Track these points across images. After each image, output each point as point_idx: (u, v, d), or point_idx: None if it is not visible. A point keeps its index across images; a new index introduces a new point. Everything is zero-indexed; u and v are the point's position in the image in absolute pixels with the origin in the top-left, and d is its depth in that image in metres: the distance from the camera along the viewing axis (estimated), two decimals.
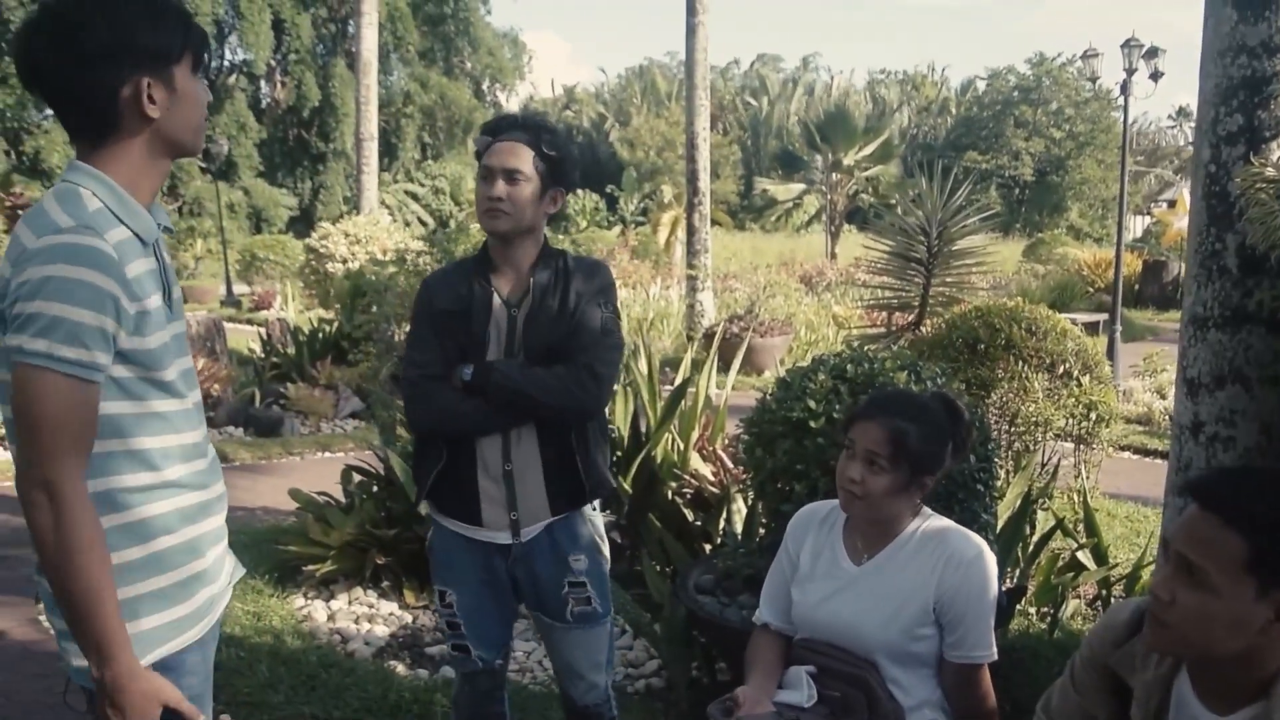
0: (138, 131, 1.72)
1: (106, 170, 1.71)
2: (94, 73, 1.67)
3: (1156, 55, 13.97)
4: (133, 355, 1.68)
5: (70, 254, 1.59)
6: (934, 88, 60.96)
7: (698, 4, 13.47)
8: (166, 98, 1.72)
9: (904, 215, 7.08)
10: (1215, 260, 3.57)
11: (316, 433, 8.99)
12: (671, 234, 22.83)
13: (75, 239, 1.60)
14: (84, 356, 1.59)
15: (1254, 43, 3.44)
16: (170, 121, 1.74)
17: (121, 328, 1.64)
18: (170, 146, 1.77)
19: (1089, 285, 20.63)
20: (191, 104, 1.77)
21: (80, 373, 1.60)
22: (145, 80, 1.69)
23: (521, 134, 2.52)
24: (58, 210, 1.65)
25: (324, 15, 38.91)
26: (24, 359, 1.58)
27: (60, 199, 1.68)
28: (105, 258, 1.61)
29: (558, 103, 60.06)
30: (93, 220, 1.65)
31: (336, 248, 12.78)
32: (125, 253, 1.67)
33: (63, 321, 1.57)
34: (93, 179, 1.70)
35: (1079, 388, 5.38)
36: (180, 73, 1.74)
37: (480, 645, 2.68)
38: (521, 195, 2.50)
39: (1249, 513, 1.60)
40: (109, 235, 1.65)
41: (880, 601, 2.30)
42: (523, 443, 2.53)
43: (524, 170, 2.50)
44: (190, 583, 1.80)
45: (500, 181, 2.49)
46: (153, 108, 1.71)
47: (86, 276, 1.58)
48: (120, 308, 1.63)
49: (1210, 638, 1.62)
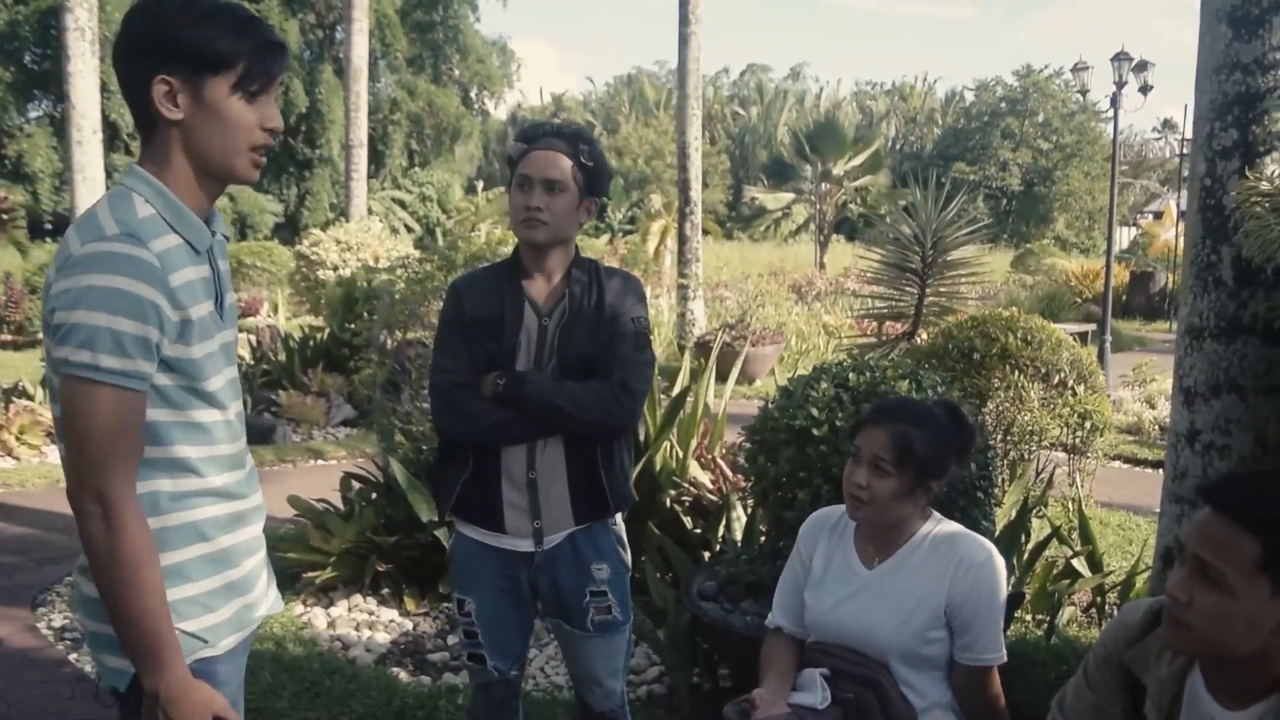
0: (170, 134, 1.70)
1: (158, 173, 1.71)
2: (134, 64, 1.68)
3: (1146, 69, 14.10)
4: (175, 364, 1.69)
5: (111, 263, 1.60)
6: (921, 99, 61.22)
7: (690, 14, 13.54)
8: (191, 106, 1.68)
9: (897, 225, 7.13)
10: (1211, 272, 3.63)
11: (309, 440, 8.99)
12: (660, 243, 22.84)
13: (117, 248, 1.61)
14: (128, 366, 1.60)
15: (1248, 60, 3.51)
16: (196, 133, 1.70)
17: (165, 336, 1.65)
18: (200, 162, 1.72)
19: (1077, 296, 20.77)
20: (224, 123, 1.71)
21: (125, 382, 1.61)
22: (163, 78, 1.66)
23: (560, 143, 2.50)
24: (107, 216, 1.66)
25: (311, 21, 38.89)
26: (70, 370, 1.59)
27: (113, 204, 1.69)
28: (147, 267, 1.62)
29: (546, 111, 60.10)
30: (140, 227, 1.65)
31: (328, 254, 12.78)
32: (172, 260, 1.67)
33: (106, 332, 1.58)
34: (146, 184, 1.71)
35: (1074, 397, 5.44)
36: (214, 85, 1.68)
37: (497, 655, 2.66)
38: (560, 205, 2.49)
39: (1262, 514, 1.66)
40: (155, 243, 1.65)
41: (893, 605, 2.34)
42: (548, 452, 2.52)
43: (563, 180, 2.48)
44: (223, 592, 1.81)
45: (539, 191, 2.47)
46: (172, 110, 1.67)
47: (128, 286, 1.59)
48: (163, 316, 1.63)
49: (1228, 637, 1.68)
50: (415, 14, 41.04)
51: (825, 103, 59.12)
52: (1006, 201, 49.03)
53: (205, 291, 1.75)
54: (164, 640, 1.64)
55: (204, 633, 1.77)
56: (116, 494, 1.60)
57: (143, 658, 1.65)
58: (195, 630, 1.75)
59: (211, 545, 1.78)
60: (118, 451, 1.61)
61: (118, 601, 1.63)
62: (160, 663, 1.64)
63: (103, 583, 1.64)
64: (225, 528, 1.80)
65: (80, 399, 1.60)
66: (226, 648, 1.82)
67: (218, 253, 1.84)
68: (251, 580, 1.89)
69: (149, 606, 1.63)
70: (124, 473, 1.62)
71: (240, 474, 1.85)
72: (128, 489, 1.62)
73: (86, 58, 10.54)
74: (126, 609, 1.63)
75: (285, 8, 37.43)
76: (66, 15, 10.43)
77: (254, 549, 1.90)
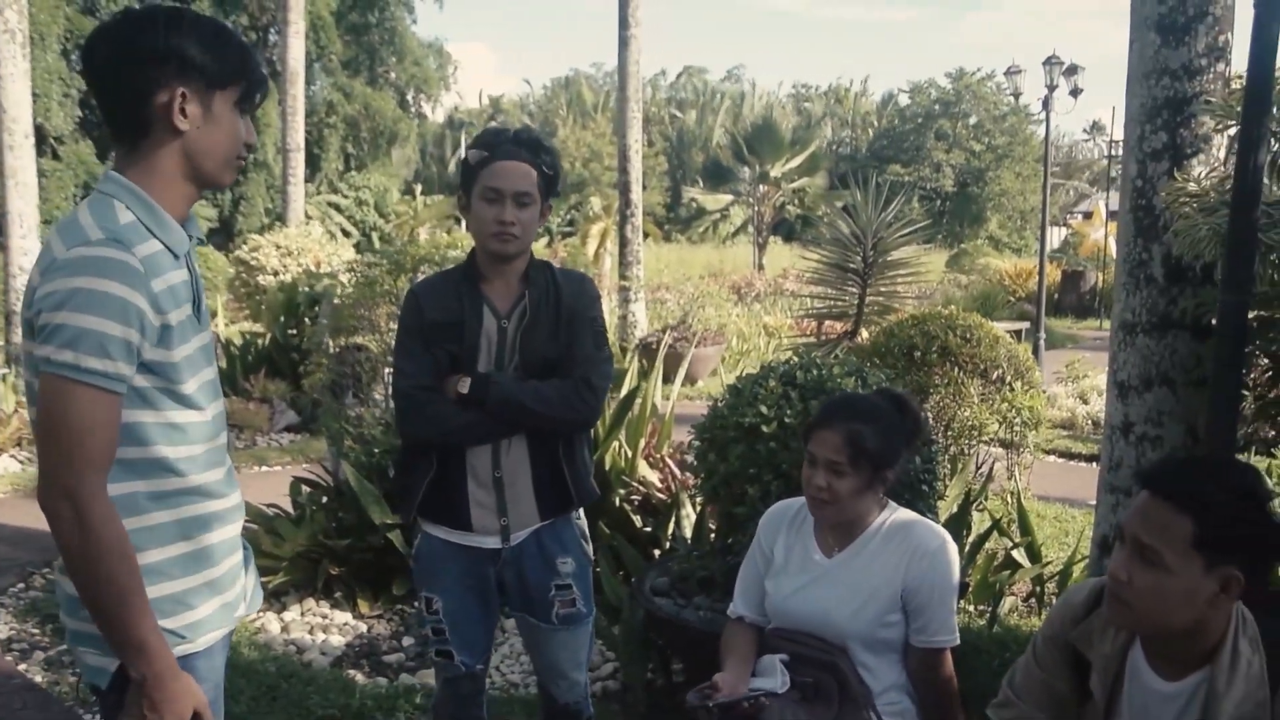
0: (166, 143, 1.76)
1: (138, 181, 1.76)
2: (138, 71, 1.72)
3: (1076, 72, 14.44)
4: (155, 366, 1.72)
5: (97, 267, 1.63)
6: (854, 101, 61.89)
7: (630, 17, 13.60)
8: (200, 115, 1.76)
9: (837, 226, 7.27)
10: (1143, 270, 3.76)
11: (252, 446, 8.92)
12: (600, 245, 22.90)
13: (103, 252, 1.65)
14: (109, 368, 1.64)
15: (1176, 65, 3.65)
16: (198, 142, 1.78)
17: (146, 340, 1.68)
18: (194, 170, 1.80)
19: (1010, 295, 21.17)
20: (225, 134, 1.80)
21: (105, 384, 1.64)
22: (181, 90, 1.73)
23: (525, 153, 2.54)
24: (90, 221, 1.69)
25: (245, 24, 38.34)
26: (51, 369, 1.62)
27: (94, 209, 1.72)
28: (132, 271, 1.66)
29: (483, 114, 59.87)
30: (123, 233, 1.69)
31: (267, 260, 12.66)
32: (155, 265, 1.71)
33: (89, 333, 1.61)
34: (126, 190, 1.75)
35: (1011, 393, 5.59)
36: (221, 99, 1.78)
37: (464, 650, 2.71)
38: (528, 217, 2.54)
39: (1196, 496, 1.78)
40: (139, 249, 1.69)
41: (851, 592, 2.42)
42: (513, 450, 2.58)
43: (531, 193, 2.53)
44: (203, 590, 1.84)
45: (510, 205, 2.51)
46: (183, 120, 1.74)
47: (113, 289, 1.63)
48: (145, 320, 1.67)
49: (1166, 611, 1.79)
50: (351, 16, 40.67)
51: (762, 105, 59.52)
52: (940, 202, 49.74)
53: (184, 295, 1.79)
54: (147, 630, 1.68)
55: (184, 630, 1.80)
56: (87, 491, 1.63)
57: (127, 648, 1.68)
58: (175, 627, 1.78)
59: (191, 544, 1.81)
60: (90, 450, 1.64)
61: (95, 596, 1.66)
62: (146, 651, 1.68)
63: (78, 579, 1.67)
64: (205, 526, 1.84)
65: (58, 397, 1.63)
66: (205, 645, 1.85)
67: (193, 256, 1.88)
68: (231, 579, 1.93)
69: (127, 598, 1.66)
70: (95, 471, 1.65)
71: (219, 473, 1.89)
72: (99, 487, 1.65)
73: (17, 60, 10.36)
74: (104, 603, 1.66)
75: (218, 8, 36.86)
76: None
77: (234, 548, 1.94)
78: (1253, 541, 1.77)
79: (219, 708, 1.91)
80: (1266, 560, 1.82)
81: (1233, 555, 1.76)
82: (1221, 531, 1.75)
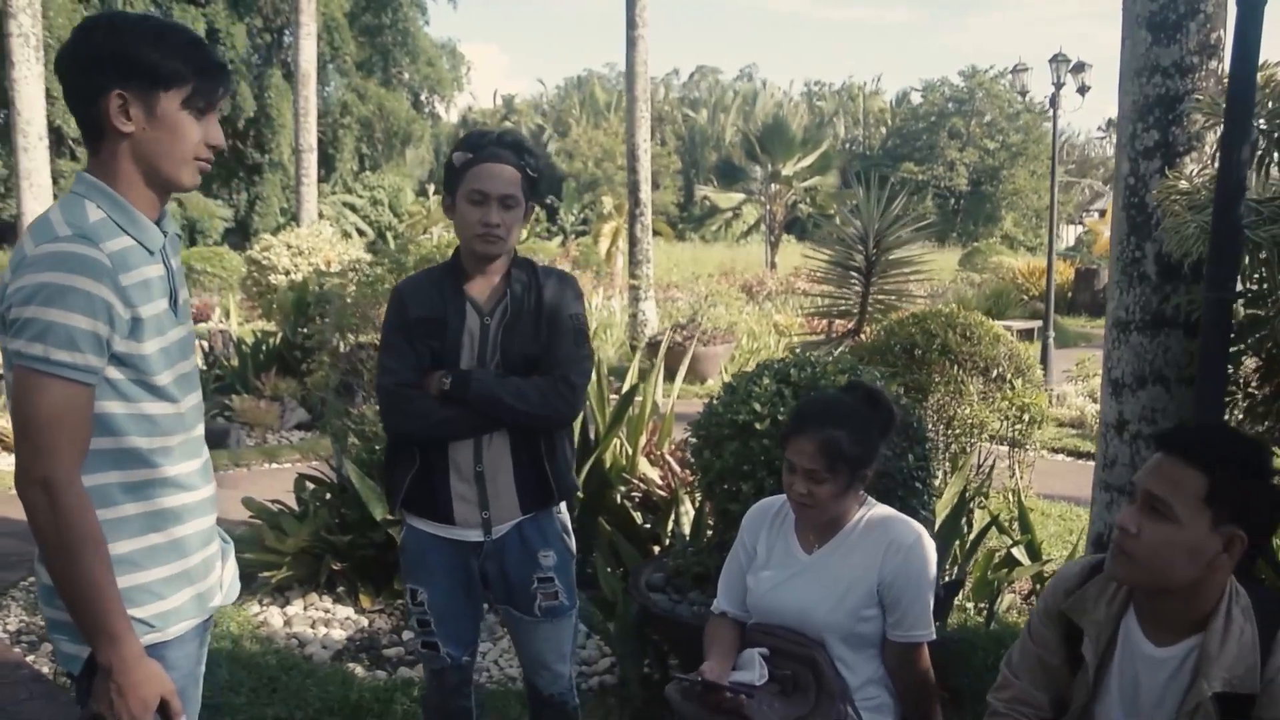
0: (119, 146, 1.79)
1: (107, 180, 1.80)
2: (84, 78, 1.76)
3: (1084, 70, 14.39)
4: (127, 359, 1.76)
5: (64, 262, 1.68)
6: (864, 100, 61.75)
7: (638, 17, 13.64)
8: (144, 118, 1.78)
9: (842, 225, 7.29)
10: (1136, 267, 3.78)
11: (263, 444, 9.00)
12: (612, 244, 22.97)
13: (70, 248, 1.69)
14: (78, 360, 1.68)
15: (1167, 63, 3.66)
16: (146, 144, 1.80)
17: (115, 332, 1.73)
18: (150, 172, 1.82)
19: (1023, 293, 21.09)
20: (174, 135, 1.81)
21: (75, 375, 1.69)
22: (119, 92, 1.75)
23: (508, 154, 2.57)
24: (59, 219, 1.74)
25: (259, 25, 38.56)
26: (22, 362, 1.67)
27: (64, 208, 1.77)
28: (99, 265, 1.70)
29: (497, 114, 60.01)
30: (92, 230, 1.73)
31: (279, 259, 12.73)
32: (125, 260, 1.76)
33: (58, 326, 1.66)
34: (96, 190, 1.79)
35: (1011, 390, 5.59)
36: (167, 100, 1.79)
37: (449, 642, 2.77)
38: (515, 219, 2.59)
39: (1208, 452, 1.86)
40: (108, 244, 1.73)
41: (829, 586, 2.45)
42: (494, 445, 2.62)
43: (515, 195, 2.57)
44: (175, 580, 1.88)
45: (496, 208, 2.55)
46: (126, 123, 1.77)
47: (80, 284, 1.67)
48: (114, 314, 1.71)
49: (1170, 565, 1.86)
50: (364, 17, 40.81)
51: (774, 104, 59.45)
52: (954, 201, 49.68)
53: (160, 290, 1.84)
54: (115, 618, 1.72)
55: (154, 619, 1.84)
56: (61, 480, 1.68)
57: (95, 634, 1.73)
58: (145, 616, 1.82)
59: (164, 535, 1.85)
60: (63, 440, 1.69)
61: (67, 582, 1.71)
62: (113, 639, 1.72)
63: (51, 565, 1.72)
64: (177, 518, 1.88)
65: (30, 389, 1.68)
66: (176, 634, 1.89)
67: (170, 251, 1.91)
68: (205, 569, 1.96)
69: (97, 586, 1.70)
70: (68, 460, 1.69)
71: (195, 464, 1.93)
72: (73, 475, 1.70)
73: (31, 64, 10.48)
74: (75, 589, 1.71)
75: (232, 11, 37.07)
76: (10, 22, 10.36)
77: (208, 539, 1.98)
78: (1256, 505, 1.85)
79: (191, 695, 1.95)
80: (1265, 528, 1.90)
81: (1239, 515, 1.83)
82: (1230, 489, 1.83)
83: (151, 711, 1.77)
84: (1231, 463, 1.86)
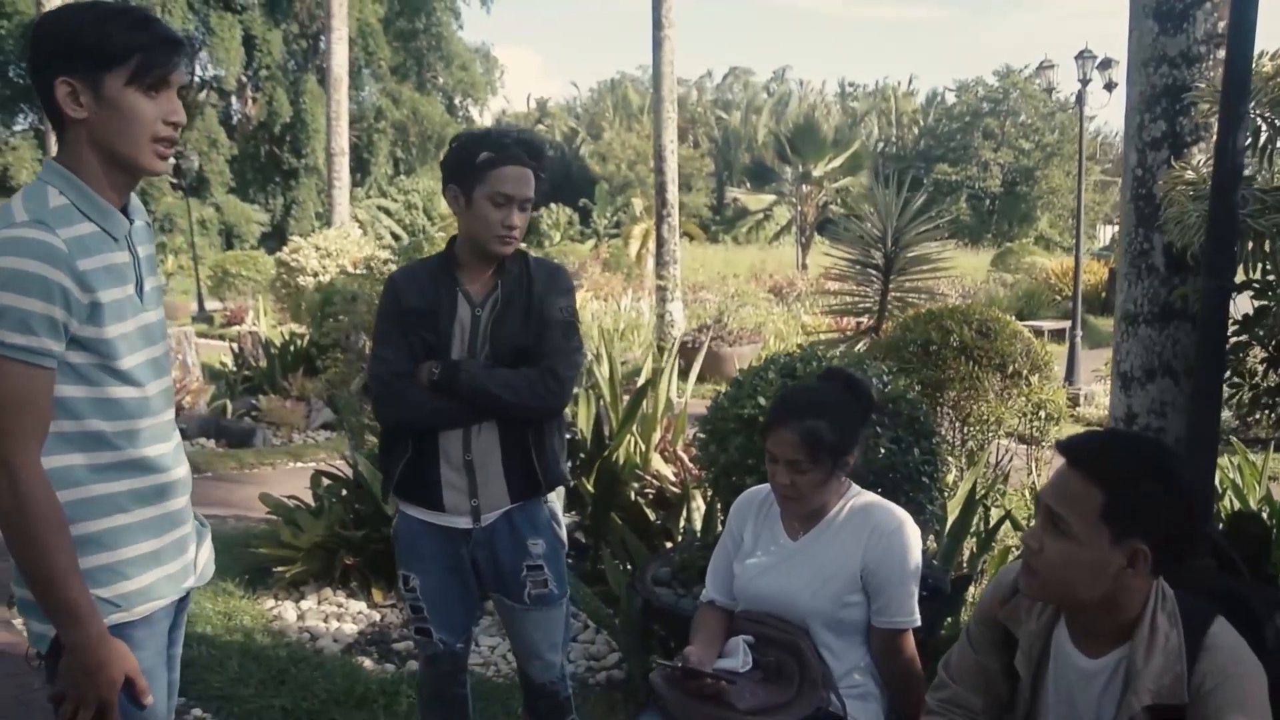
0: (77, 133, 1.81)
1: (70, 168, 1.82)
2: (35, 71, 1.79)
3: (1110, 66, 14.25)
4: (87, 343, 1.79)
5: (19, 247, 1.70)
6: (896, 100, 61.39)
7: (664, 18, 13.63)
8: (93, 102, 1.78)
9: (859, 222, 7.27)
10: (1144, 260, 3.75)
11: (288, 443, 9.09)
12: (643, 246, 23.02)
13: (25, 233, 1.72)
14: (33, 343, 1.71)
15: (1174, 53, 3.63)
16: (99, 128, 1.80)
17: (73, 317, 1.75)
18: (108, 155, 1.82)
19: (1056, 293, 20.92)
20: (124, 116, 1.80)
21: (29, 358, 1.71)
22: (64, 79, 1.76)
23: (529, 159, 2.61)
24: (19, 206, 1.77)
25: (295, 31, 38.92)
26: None
27: (26, 195, 1.80)
28: (54, 251, 1.72)
29: (530, 116, 60.18)
30: (50, 216, 1.76)
31: (307, 261, 12.87)
32: (85, 247, 1.78)
33: (11, 310, 1.68)
34: (59, 176, 1.82)
35: (1028, 387, 5.55)
36: (111, 81, 1.78)
37: (442, 629, 2.80)
38: (526, 220, 2.65)
39: (1106, 468, 1.79)
40: (65, 230, 1.75)
41: (812, 572, 2.45)
42: (483, 435, 2.65)
43: (532, 197, 2.63)
44: (141, 561, 1.90)
45: (516, 211, 2.60)
46: (76, 109, 1.78)
47: (34, 268, 1.70)
48: (70, 298, 1.73)
49: (1073, 582, 1.81)
50: (399, 22, 41.11)
51: (806, 105, 59.27)
52: (989, 202, 49.32)
53: (124, 276, 1.86)
54: (77, 598, 1.75)
55: (118, 599, 1.86)
56: (20, 462, 1.71)
57: (58, 615, 1.76)
58: (110, 596, 1.85)
59: (130, 516, 1.88)
60: (22, 423, 1.71)
61: (28, 563, 1.74)
62: (76, 619, 1.75)
63: (14, 547, 1.74)
64: (146, 499, 1.90)
65: None
66: (144, 614, 1.91)
67: (138, 239, 1.94)
68: (176, 550, 1.99)
69: (59, 567, 1.73)
70: (28, 443, 1.72)
71: (164, 447, 1.95)
72: (33, 458, 1.72)
73: None
74: (37, 570, 1.74)
75: (269, 18, 37.49)
76: None
77: (178, 521, 1.99)
78: (1159, 517, 1.77)
79: (159, 674, 1.97)
80: (1176, 538, 1.80)
81: (1139, 529, 1.76)
82: (1127, 504, 1.76)
83: (116, 691, 1.80)
84: (1128, 476, 1.78)
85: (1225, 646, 1.79)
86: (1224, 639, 1.80)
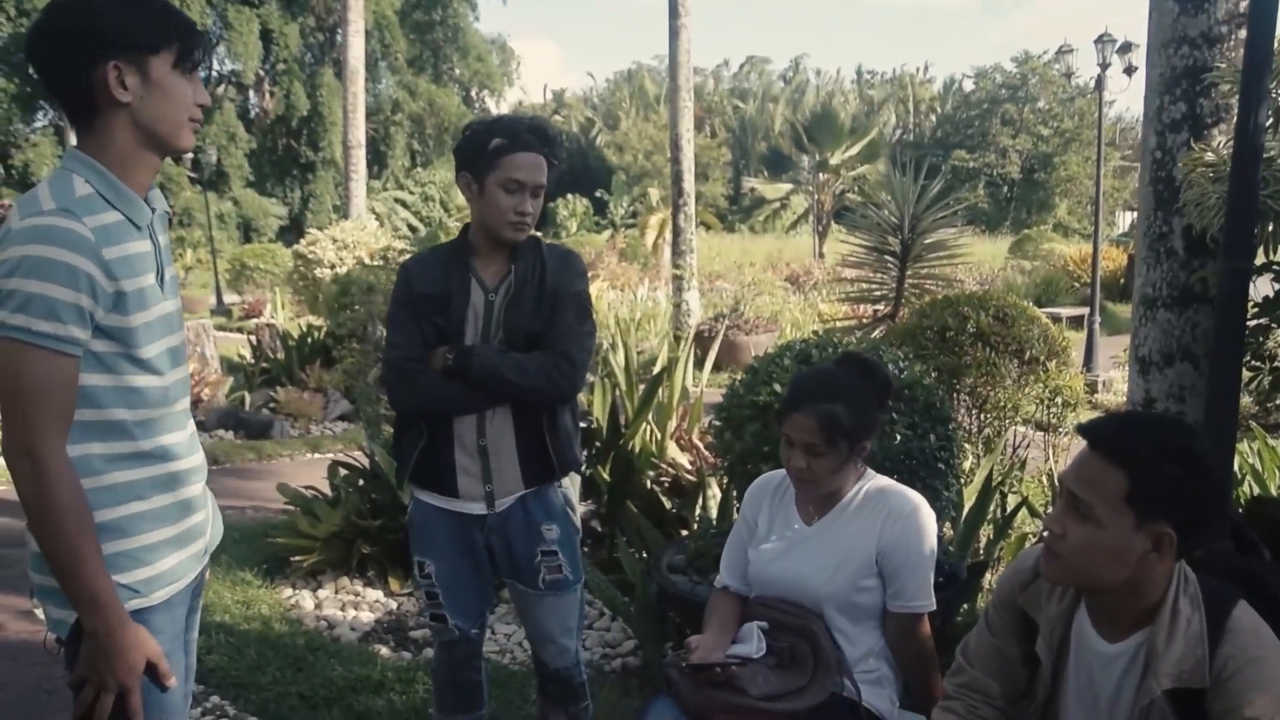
0: (116, 117, 1.81)
1: (97, 156, 1.82)
2: (70, 57, 1.79)
3: (1130, 50, 14.12)
4: (112, 332, 1.79)
5: (47, 235, 1.71)
6: (913, 87, 61.10)
7: (680, 6, 13.58)
8: (140, 85, 1.80)
9: (876, 209, 7.24)
10: (1163, 243, 3.71)
11: (306, 435, 9.13)
12: (659, 236, 22.93)
13: (53, 221, 1.72)
14: (60, 331, 1.71)
15: (1194, 34, 3.58)
16: (144, 110, 1.82)
17: (99, 305, 1.75)
18: (149, 137, 1.85)
19: (1074, 280, 20.80)
20: (169, 98, 1.83)
21: (57, 346, 1.71)
22: (114, 64, 1.78)
23: (542, 146, 2.62)
24: (46, 194, 1.77)
25: (312, 25, 39.02)
26: (5, 333, 1.70)
27: (51, 184, 1.80)
28: (81, 239, 1.72)
29: (547, 107, 60.17)
30: (77, 205, 1.76)
31: (324, 253, 12.88)
32: (111, 235, 1.78)
33: (39, 298, 1.69)
34: (84, 165, 1.82)
35: (1045, 373, 5.52)
36: (158, 64, 1.81)
37: (457, 614, 2.80)
38: (538, 206, 2.64)
39: (1129, 451, 1.76)
40: (92, 219, 1.76)
41: (827, 556, 2.44)
42: (497, 420, 2.65)
43: (544, 184, 2.63)
44: (159, 547, 1.91)
45: (529, 197, 2.60)
46: (123, 92, 1.80)
47: (61, 256, 1.70)
48: (97, 287, 1.74)
49: (1097, 567, 1.78)
50: (415, 14, 41.15)
51: (823, 94, 59.04)
52: (1007, 189, 49.05)
53: (147, 265, 1.86)
54: (99, 584, 1.75)
55: (138, 585, 1.87)
56: (45, 449, 1.71)
57: (80, 601, 1.76)
58: (129, 582, 1.85)
59: (147, 504, 1.88)
60: (48, 410, 1.72)
61: (51, 549, 1.74)
62: (98, 605, 1.76)
63: (38, 533, 1.75)
64: (163, 487, 1.91)
65: (13, 359, 1.71)
66: (161, 599, 1.92)
67: (158, 228, 1.94)
68: (191, 536, 2.00)
69: (81, 553, 1.73)
70: (53, 430, 1.73)
71: (180, 436, 1.96)
72: (58, 445, 1.73)
73: None
74: (60, 556, 1.74)
75: (286, 11, 37.59)
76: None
77: (195, 507, 2.00)
78: (1183, 500, 1.75)
79: (178, 659, 1.98)
80: (1199, 521, 1.78)
81: (1164, 513, 1.74)
82: (1152, 487, 1.73)
83: (138, 676, 1.81)
84: (1152, 460, 1.75)
85: (1248, 630, 1.77)
86: (1246, 622, 1.78)
